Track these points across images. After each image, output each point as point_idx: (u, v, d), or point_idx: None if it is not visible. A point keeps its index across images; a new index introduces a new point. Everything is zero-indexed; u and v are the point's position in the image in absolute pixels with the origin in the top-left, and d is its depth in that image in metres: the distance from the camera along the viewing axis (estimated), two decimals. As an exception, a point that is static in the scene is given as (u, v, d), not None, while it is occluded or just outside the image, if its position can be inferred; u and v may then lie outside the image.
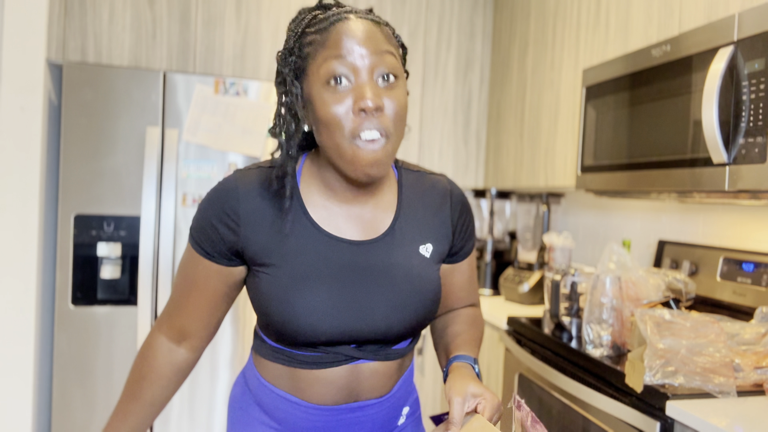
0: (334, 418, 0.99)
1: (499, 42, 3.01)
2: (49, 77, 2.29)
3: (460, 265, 1.10)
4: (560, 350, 1.75)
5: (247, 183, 0.95)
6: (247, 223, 0.93)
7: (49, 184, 2.33)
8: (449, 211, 1.05)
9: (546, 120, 2.52)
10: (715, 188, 1.50)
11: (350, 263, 0.95)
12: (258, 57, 2.49)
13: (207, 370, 2.35)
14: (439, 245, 1.03)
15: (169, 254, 2.28)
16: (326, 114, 0.87)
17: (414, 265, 0.98)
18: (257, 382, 1.03)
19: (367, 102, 0.85)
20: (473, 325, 1.10)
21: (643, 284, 1.69)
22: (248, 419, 1.05)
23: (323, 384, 0.96)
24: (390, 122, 0.88)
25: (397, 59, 0.91)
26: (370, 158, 0.87)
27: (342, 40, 0.87)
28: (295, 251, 0.93)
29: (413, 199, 1.03)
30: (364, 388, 0.99)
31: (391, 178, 1.04)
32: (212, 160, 2.34)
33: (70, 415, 2.23)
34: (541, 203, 2.78)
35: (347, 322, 0.93)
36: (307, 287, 0.92)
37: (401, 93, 0.91)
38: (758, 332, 1.45)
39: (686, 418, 1.23)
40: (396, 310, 0.95)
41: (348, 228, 0.97)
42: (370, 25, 0.90)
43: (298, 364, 0.96)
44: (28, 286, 2.20)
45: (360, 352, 0.96)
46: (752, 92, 1.40)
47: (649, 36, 1.90)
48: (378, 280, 0.95)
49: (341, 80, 0.86)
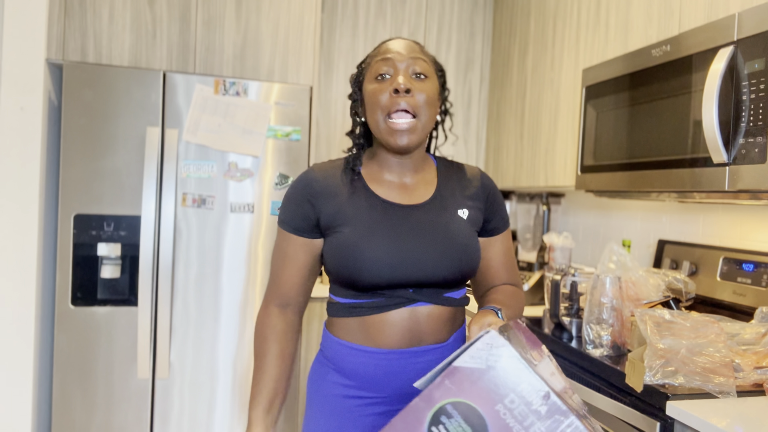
0: (400, 362, 1.17)
1: (499, 42, 3.01)
2: (49, 77, 2.29)
3: (495, 240, 1.31)
4: (560, 350, 1.75)
5: (321, 168, 1.24)
6: (321, 196, 1.20)
7: (49, 184, 2.33)
8: (480, 189, 1.29)
9: (546, 120, 2.52)
10: (715, 188, 1.50)
11: (403, 222, 1.19)
12: (258, 57, 2.49)
13: (207, 370, 2.35)
14: (473, 212, 1.26)
15: (169, 254, 2.28)
16: (371, 98, 1.18)
17: (454, 222, 1.22)
18: (332, 344, 1.23)
19: (399, 84, 1.14)
20: (510, 296, 1.26)
21: (643, 284, 1.69)
22: (325, 384, 1.23)
23: (389, 326, 1.17)
24: (418, 104, 1.16)
25: (429, 65, 1.21)
26: (400, 129, 1.16)
27: (387, 49, 1.20)
28: (359, 213, 1.18)
29: (449, 178, 1.29)
30: (424, 331, 1.19)
31: (431, 164, 1.31)
32: (212, 160, 2.34)
33: (70, 415, 2.23)
34: (541, 203, 2.78)
35: (404, 267, 1.15)
36: (370, 239, 1.15)
37: (430, 86, 1.19)
38: (758, 332, 1.45)
39: (686, 418, 1.23)
40: (442, 257, 1.17)
41: (399, 196, 1.23)
42: (411, 42, 1.22)
43: (368, 310, 1.17)
44: (28, 286, 2.20)
45: (417, 295, 1.18)
46: (752, 92, 1.40)
47: (649, 36, 1.90)
48: (426, 234, 1.18)
49: (385, 76, 1.18)
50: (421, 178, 1.27)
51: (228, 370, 2.37)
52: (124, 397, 2.27)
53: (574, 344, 1.74)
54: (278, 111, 2.41)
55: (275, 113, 2.40)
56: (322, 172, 1.24)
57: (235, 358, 2.38)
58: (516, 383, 0.89)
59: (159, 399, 2.31)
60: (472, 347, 0.91)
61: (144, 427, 2.29)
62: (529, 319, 2.06)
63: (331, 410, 1.22)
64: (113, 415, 2.26)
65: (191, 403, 2.34)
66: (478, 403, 0.90)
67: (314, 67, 2.55)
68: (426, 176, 1.28)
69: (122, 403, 2.27)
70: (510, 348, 0.91)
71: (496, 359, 0.90)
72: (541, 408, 0.89)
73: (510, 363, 0.90)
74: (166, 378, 2.30)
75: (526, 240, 2.85)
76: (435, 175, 1.29)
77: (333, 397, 1.22)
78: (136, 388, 2.28)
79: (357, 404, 1.20)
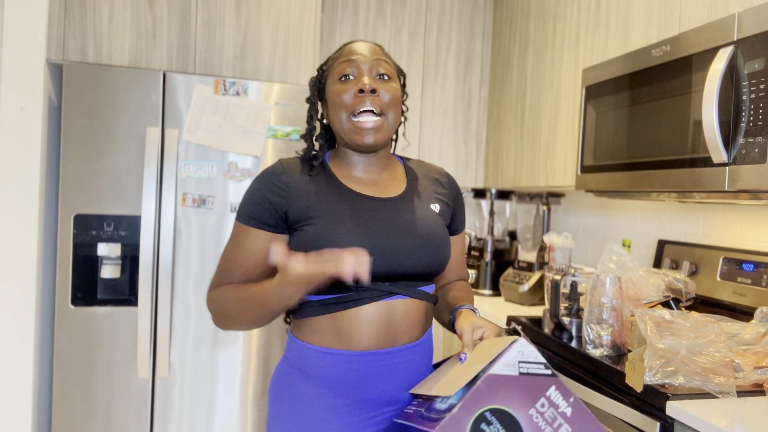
0: (373, 364, 1.14)
1: (499, 42, 3.01)
2: (49, 77, 2.29)
3: (455, 239, 1.36)
4: (560, 350, 1.75)
5: (289, 163, 1.23)
6: (292, 189, 1.17)
7: (49, 184, 2.33)
8: (449, 188, 1.33)
9: (546, 120, 2.52)
10: (715, 188, 1.50)
11: (378, 213, 1.18)
12: (258, 57, 2.49)
13: (207, 370, 2.35)
14: (443, 207, 1.29)
15: (169, 254, 2.28)
16: (335, 98, 1.18)
17: (428, 216, 1.23)
18: (300, 349, 1.18)
19: (365, 84, 1.16)
20: (468, 292, 1.35)
21: (643, 284, 1.69)
22: (292, 393, 1.18)
23: (364, 322, 1.13)
24: (384, 103, 1.18)
25: (391, 67, 1.23)
26: (366, 127, 1.16)
27: (351, 51, 1.21)
28: (332, 206, 1.16)
29: (419, 176, 1.31)
30: (399, 327, 1.16)
31: (397, 163, 1.33)
32: (212, 160, 2.34)
33: (70, 415, 2.23)
34: (541, 203, 2.78)
35: (381, 258, 1.13)
36: (345, 230, 1.13)
37: (394, 87, 1.21)
38: (758, 332, 1.45)
39: (686, 418, 1.23)
40: (418, 249, 1.17)
41: (371, 190, 1.22)
42: (373, 44, 1.24)
43: (341, 306, 1.13)
44: (28, 286, 2.20)
45: (394, 287, 1.15)
46: (752, 92, 1.40)
47: (649, 36, 1.90)
48: (402, 225, 1.18)
49: (348, 76, 1.19)
50: (390, 175, 1.27)
51: (228, 370, 2.37)
52: (124, 397, 2.27)
53: (574, 344, 1.74)
54: (278, 111, 2.41)
55: (275, 113, 2.40)
56: (290, 165, 1.22)
57: (235, 358, 2.38)
58: (545, 387, 0.97)
59: (159, 399, 2.31)
60: (504, 355, 0.98)
61: (144, 427, 2.29)
62: (529, 319, 2.06)
63: (301, 422, 1.15)
64: (113, 415, 2.26)
65: (191, 403, 2.34)
66: (514, 408, 0.95)
67: (314, 67, 2.55)
68: (394, 174, 1.28)
69: (122, 403, 2.27)
70: (538, 354, 0.98)
71: (527, 366, 0.97)
72: (567, 410, 0.97)
73: (539, 368, 0.98)
74: (166, 378, 2.30)
75: (526, 240, 2.85)
76: (403, 173, 1.30)
77: (303, 407, 1.15)
78: (136, 388, 2.28)
79: (332, 414, 1.14)
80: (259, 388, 2.41)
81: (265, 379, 2.42)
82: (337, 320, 1.14)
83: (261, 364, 2.41)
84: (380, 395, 1.17)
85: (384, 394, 1.17)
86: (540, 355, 0.98)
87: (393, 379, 1.17)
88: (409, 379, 1.19)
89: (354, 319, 1.13)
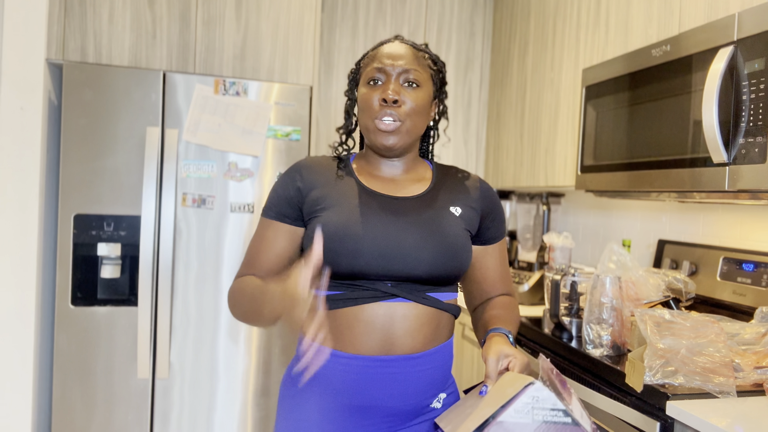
0: (370, 370, 1.12)
1: (498, 42, 3.01)
2: (49, 77, 2.29)
3: (492, 249, 1.30)
4: (560, 350, 1.75)
5: (311, 159, 1.27)
6: (309, 182, 1.21)
7: (49, 184, 2.33)
8: (479, 193, 1.28)
9: (546, 120, 2.52)
10: (715, 188, 1.50)
11: (388, 210, 1.18)
12: (258, 57, 2.49)
13: (207, 370, 2.35)
14: (467, 211, 1.24)
15: (169, 254, 2.28)
16: (363, 102, 1.21)
17: (443, 217, 1.20)
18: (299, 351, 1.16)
19: (388, 94, 1.17)
20: (509, 309, 1.26)
21: (643, 284, 1.69)
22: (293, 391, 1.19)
23: (361, 323, 1.12)
24: (404, 112, 1.19)
25: (423, 73, 1.22)
26: (385, 129, 1.18)
27: (383, 55, 1.22)
28: (343, 199, 1.18)
29: (445, 180, 1.29)
30: (397, 333, 1.12)
31: (427, 168, 1.32)
32: (212, 160, 2.34)
33: (70, 415, 2.23)
34: (541, 203, 2.78)
35: (384, 256, 1.12)
36: (352, 221, 1.14)
37: (421, 95, 1.21)
38: (758, 332, 1.45)
39: (686, 418, 1.23)
40: (425, 250, 1.14)
41: (388, 189, 1.23)
42: (407, 47, 1.23)
43: (341, 303, 1.12)
44: (28, 286, 2.20)
45: (395, 289, 1.13)
46: (752, 92, 1.40)
47: (649, 36, 1.90)
48: (411, 224, 1.16)
49: (377, 81, 1.21)
50: (412, 177, 1.27)
51: (228, 370, 2.37)
52: (124, 397, 2.27)
53: (574, 344, 1.74)
54: (278, 111, 2.41)
55: (275, 113, 2.40)
56: (313, 161, 1.27)
57: (235, 358, 2.38)
58: None
59: (159, 399, 2.31)
60: (517, 401, 0.89)
61: (144, 427, 2.29)
62: (529, 319, 2.06)
63: (299, 421, 1.17)
64: (113, 415, 2.26)
65: (191, 403, 2.34)
66: None
67: (314, 67, 2.55)
68: (418, 176, 1.28)
69: (122, 403, 2.27)
70: (555, 400, 0.89)
71: (543, 414, 0.89)
72: None
73: (556, 416, 0.89)
74: (166, 378, 2.30)
75: (526, 240, 2.85)
76: (430, 176, 1.29)
77: (300, 406, 1.17)
78: (136, 388, 2.28)
79: (324, 416, 1.14)
80: (259, 387, 2.41)
81: (265, 379, 2.42)
82: (337, 317, 1.12)
83: (261, 364, 2.41)
84: (374, 404, 1.13)
85: (379, 403, 1.13)
86: (558, 401, 0.89)
87: (389, 389, 1.13)
88: (406, 391, 1.14)
89: (351, 318, 1.12)
